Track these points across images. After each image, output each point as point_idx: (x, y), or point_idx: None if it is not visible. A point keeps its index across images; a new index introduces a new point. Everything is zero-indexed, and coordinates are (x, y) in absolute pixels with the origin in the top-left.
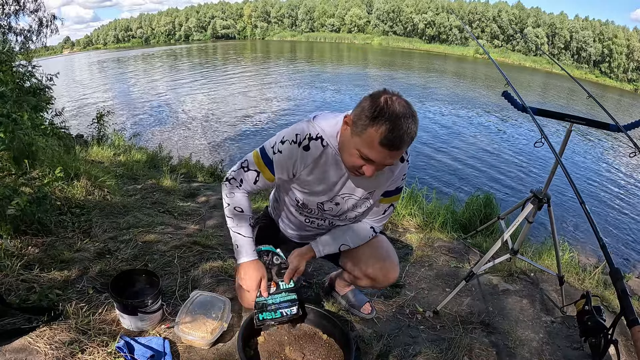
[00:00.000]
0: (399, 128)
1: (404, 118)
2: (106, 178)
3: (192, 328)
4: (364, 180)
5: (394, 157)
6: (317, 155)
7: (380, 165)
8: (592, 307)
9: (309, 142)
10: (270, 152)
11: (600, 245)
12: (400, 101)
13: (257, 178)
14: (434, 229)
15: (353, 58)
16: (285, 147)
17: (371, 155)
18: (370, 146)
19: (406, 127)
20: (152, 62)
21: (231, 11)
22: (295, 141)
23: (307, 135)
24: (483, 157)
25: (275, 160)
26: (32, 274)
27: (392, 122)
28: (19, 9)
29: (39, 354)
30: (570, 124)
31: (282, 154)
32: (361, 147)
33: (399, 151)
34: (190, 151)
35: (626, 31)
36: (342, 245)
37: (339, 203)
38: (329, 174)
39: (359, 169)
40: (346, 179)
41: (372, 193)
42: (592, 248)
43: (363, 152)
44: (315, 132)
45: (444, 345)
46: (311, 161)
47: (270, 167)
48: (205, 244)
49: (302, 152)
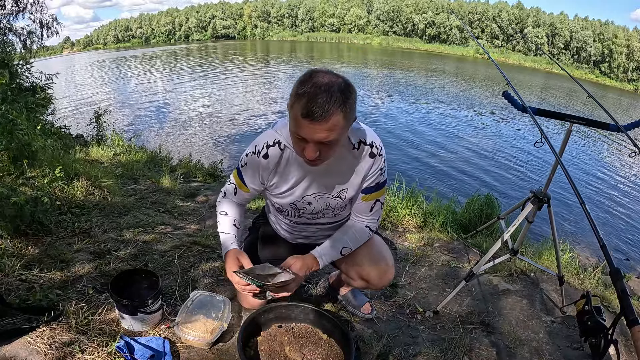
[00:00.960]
0: (319, 97)
1: (326, 87)
2: (106, 178)
3: (192, 328)
4: (328, 178)
5: (325, 131)
6: (276, 160)
7: (316, 143)
8: (592, 307)
9: (267, 150)
10: (240, 167)
11: (600, 245)
12: (325, 74)
13: (235, 190)
14: (434, 229)
15: (353, 58)
16: (249, 160)
17: (301, 132)
18: (297, 122)
19: (327, 96)
20: (152, 62)
21: (231, 11)
22: (255, 152)
23: (265, 144)
24: (483, 157)
25: (244, 173)
26: (32, 274)
27: (311, 92)
28: (18, 11)
29: (39, 354)
30: (570, 124)
31: (247, 166)
32: (293, 127)
33: (326, 122)
34: (190, 151)
35: (626, 31)
36: (344, 249)
37: (311, 203)
38: (291, 175)
39: (302, 152)
40: (312, 179)
41: (344, 191)
42: (592, 248)
43: (296, 131)
44: (274, 138)
45: (444, 345)
46: (273, 166)
47: (243, 180)
48: (205, 244)
49: (263, 161)
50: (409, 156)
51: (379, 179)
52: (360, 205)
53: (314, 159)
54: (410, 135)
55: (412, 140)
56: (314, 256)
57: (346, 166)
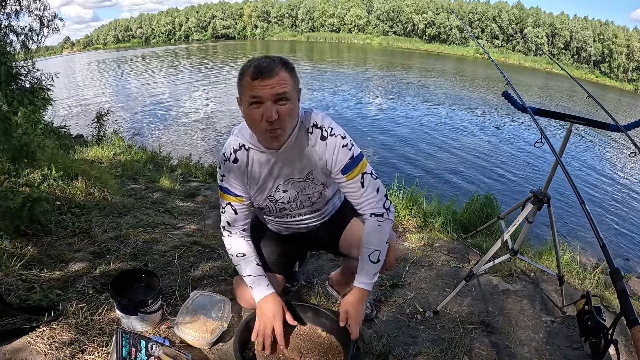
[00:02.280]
0: (262, 60)
1: (265, 57)
2: (106, 178)
3: (192, 328)
4: (292, 164)
5: (276, 85)
6: (244, 162)
7: (272, 102)
8: (592, 307)
9: (235, 154)
10: (220, 182)
11: (600, 245)
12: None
13: (234, 208)
14: (434, 229)
15: (353, 58)
16: (223, 169)
17: (254, 93)
18: (250, 88)
19: (269, 60)
20: (152, 62)
21: (231, 11)
22: (225, 159)
23: (232, 150)
24: (483, 157)
25: (226, 184)
26: (32, 274)
27: (254, 61)
28: (20, 9)
29: (39, 354)
30: (570, 123)
31: (225, 176)
32: (246, 98)
33: (276, 76)
34: (190, 151)
35: (626, 31)
36: (372, 254)
37: (286, 190)
38: (259, 171)
39: (261, 122)
40: (279, 169)
41: (310, 173)
42: (592, 248)
43: (250, 97)
44: (237, 142)
45: (444, 345)
46: (243, 168)
47: (230, 192)
48: (205, 244)
49: (234, 166)
50: (409, 156)
51: (348, 155)
52: (350, 185)
53: (272, 120)
54: (410, 135)
55: (412, 141)
56: (357, 287)
57: (305, 150)
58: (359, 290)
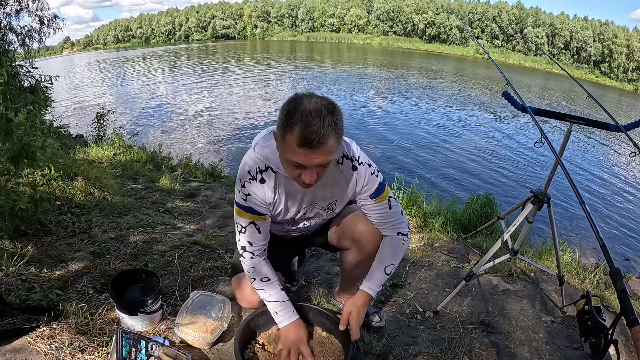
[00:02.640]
0: (312, 124)
1: (316, 112)
2: (106, 178)
3: (192, 328)
4: (319, 192)
5: (322, 155)
6: (272, 184)
7: (315, 167)
8: (592, 307)
9: (262, 175)
10: (242, 201)
11: (600, 245)
12: (310, 99)
13: (257, 227)
14: (434, 229)
15: (353, 58)
16: (248, 188)
17: (298, 159)
18: (293, 152)
19: (320, 122)
20: (152, 62)
21: (231, 11)
22: (252, 178)
23: (257, 169)
24: (483, 157)
25: (252, 203)
26: (32, 274)
27: (303, 121)
28: (20, 9)
29: (39, 354)
30: (570, 123)
31: (250, 195)
32: (288, 155)
33: (323, 147)
34: (190, 151)
35: (626, 31)
36: (387, 267)
37: (306, 213)
38: (286, 195)
39: (299, 178)
40: (303, 194)
41: (333, 204)
42: (592, 248)
43: (292, 159)
44: (263, 163)
45: (444, 345)
46: (271, 189)
47: (254, 211)
48: (205, 244)
49: (261, 186)
50: (409, 156)
51: (376, 182)
52: (376, 208)
53: (312, 183)
54: (409, 135)
55: (411, 141)
56: (363, 291)
57: (333, 180)
58: (365, 294)
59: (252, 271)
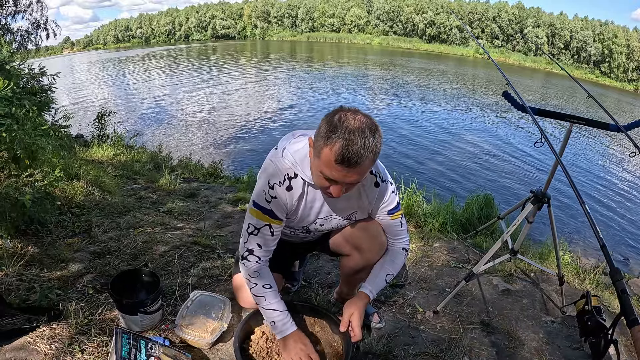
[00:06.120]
0: (354, 144)
1: (359, 132)
2: (106, 178)
3: (192, 328)
4: (341, 203)
5: (357, 174)
6: (299, 192)
7: (345, 184)
8: (592, 307)
9: (290, 182)
10: (264, 202)
11: (600, 245)
12: (355, 116)
13: (272, 230)
14: (433, 229)
15: (353, 58)
16: (276, 191)
17: (331, 174)
18: (329, 166)
19: (362, 142)
20: (152, 62)
21: (231, 11)
22: (280, 183)
23: (286, 176)
24: (483, 157)
25: (273, 206)
26: (32, 274)
27: (345, 139)
28: (17, 11)
29: (39, 354)
30: (570, 124)
31: (276, 198)
32: (321, 167)
33: (359, 167)
34: (190, 151)
35: (626, 31)
36: (388, 276)
37: (323, 224)
38: (310, 204)
39: (327, 189)
40: (325, 205)
41: (353, 214)
42: (592, 248)
43: (324, 173)
44: (292, 170)
45: (444, 345)
46: (297, 198)
47: (273, 214)
48: (205, 244)
49: (287, 193)
50: (408, 156)
51: (395, 200)
52: (391, 223)
53: (339, 196)
54: (409, 135)
55: (411, 140)
56: (365, 293)
57: (356, 193)
58: (365, 296)
59: (255, 276)
